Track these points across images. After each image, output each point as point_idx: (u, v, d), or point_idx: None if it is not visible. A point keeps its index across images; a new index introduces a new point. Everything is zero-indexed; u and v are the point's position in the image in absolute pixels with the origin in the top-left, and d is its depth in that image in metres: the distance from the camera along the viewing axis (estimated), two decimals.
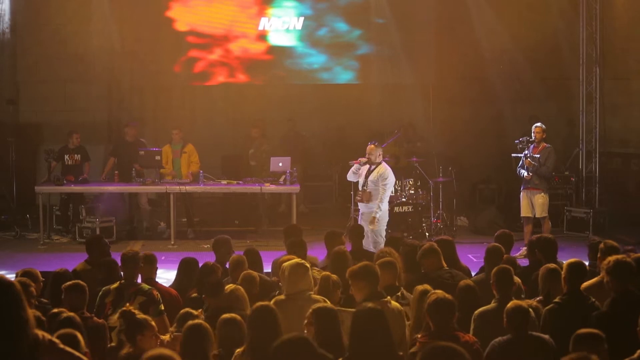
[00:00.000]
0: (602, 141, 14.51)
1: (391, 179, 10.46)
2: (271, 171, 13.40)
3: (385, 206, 10.39)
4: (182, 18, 15.55)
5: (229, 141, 15.77)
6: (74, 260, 9.57)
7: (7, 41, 15.46)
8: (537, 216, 11.86)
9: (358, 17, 15.79)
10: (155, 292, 6.68)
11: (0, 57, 15.33)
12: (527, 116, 15.73)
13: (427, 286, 5.88)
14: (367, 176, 10.51)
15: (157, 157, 13.26)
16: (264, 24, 15.62)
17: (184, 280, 7.68)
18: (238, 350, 5.07)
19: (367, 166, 10.56)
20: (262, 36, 15.68)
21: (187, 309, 5.90)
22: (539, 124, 12.03)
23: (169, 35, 15.52)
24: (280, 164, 13.20)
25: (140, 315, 5.23)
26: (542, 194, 11.82)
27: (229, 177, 13.57)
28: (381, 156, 10.60)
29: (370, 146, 10.52)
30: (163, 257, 11.68)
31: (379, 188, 10.32)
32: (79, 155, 13.53)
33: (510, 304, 5.46)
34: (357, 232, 8.79)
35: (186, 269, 7.79)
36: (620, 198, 14.30)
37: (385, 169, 10.44)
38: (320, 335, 4.94)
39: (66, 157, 13.48)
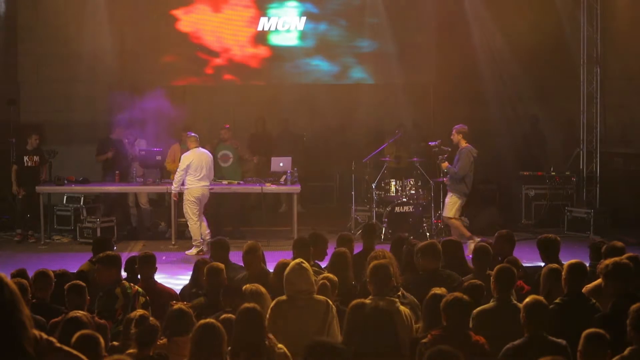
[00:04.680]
0: (603, 141, 14.49)
1: (181, 162, 12.27)
2: (272, 171, 13.41)
3: (174, 183, 12.36)
4: (183, 19, 15.56)
5: None
6: (74, 261, 9.59)
7: (7, 41, 15.45)
8: (442, 215, 11.95)
9: (358, 17, 15.80)
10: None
11: (0, 57, 15.32)
12: (528, 116, 15.77)
13: (443, 289, 5.84)
14: None
15: (158, 157, 13.26)
16: (263, 24, 15.63)
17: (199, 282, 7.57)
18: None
19: None
20: (262, 37, 15.69)
21: (178, 306, 5.82)
22: (455, 127, 12.01)
23: (170, 36, 15.54)
24: (281, 164, 13.20)
25: (153, 321, 5.23)
26: (450, 194, 11.96)
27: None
28: (191, 145, 12.29)
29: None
30: (164, 257, 11.70)
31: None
32: (37, 157, 13.32)
33: (529, 299, 5.38)
34: (369, 232, 8.76)
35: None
36: (621, 198, 14.28)
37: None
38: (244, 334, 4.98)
39: (25, 158, 13.27)
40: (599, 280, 6.32)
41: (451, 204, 11.88)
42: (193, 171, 12.20)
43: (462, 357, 4.29)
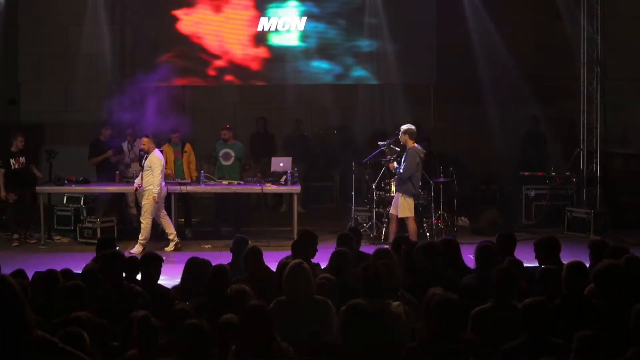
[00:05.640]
0: (603, 141, 14.48)
1: (157, 164, 12.36)
2: (272, 171, 13.41)
3: (157, 185, 12.39)
4: (184, 19, 15.56)
5: None
6: (75, 261, 9.57)
7: (7, 41, 15.46)
8: (398, 216, 12.04)
9: (358, 17, 15.80)
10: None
11: (1, 57, 15.33)
12: (528, 116, 15.76)
13: (440, 288, 5.84)
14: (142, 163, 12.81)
15: None
16: (263, 24, 15.63)
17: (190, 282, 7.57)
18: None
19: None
20: (262, 37, 15.69)
21: (180, 307, 5.82)
22: (402, 127, 12.07)
23: (170, 36, 15.54)
24: (282, 164, 13.20)
25: (154, 321, 5.22)
26: (398, 194, 12.06)
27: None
28: (154, 147, 12.54)
29: (144, 139, 12.49)
30: (164, 257, 11.68)
31: (151, 172, 12.34)
32: (23, 158, 13.08)
33: (527, 300, 5.36)
34: (354, 234, 8.73)
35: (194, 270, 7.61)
36: (621, 198, 14.28)
37: (151, 157, 12.40)
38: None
39: (12, 161, 13.00)
40: None
41: (403, 204, 11.96)
42: (163, 171, 12.61)
43: (468, 356, 4.27)
